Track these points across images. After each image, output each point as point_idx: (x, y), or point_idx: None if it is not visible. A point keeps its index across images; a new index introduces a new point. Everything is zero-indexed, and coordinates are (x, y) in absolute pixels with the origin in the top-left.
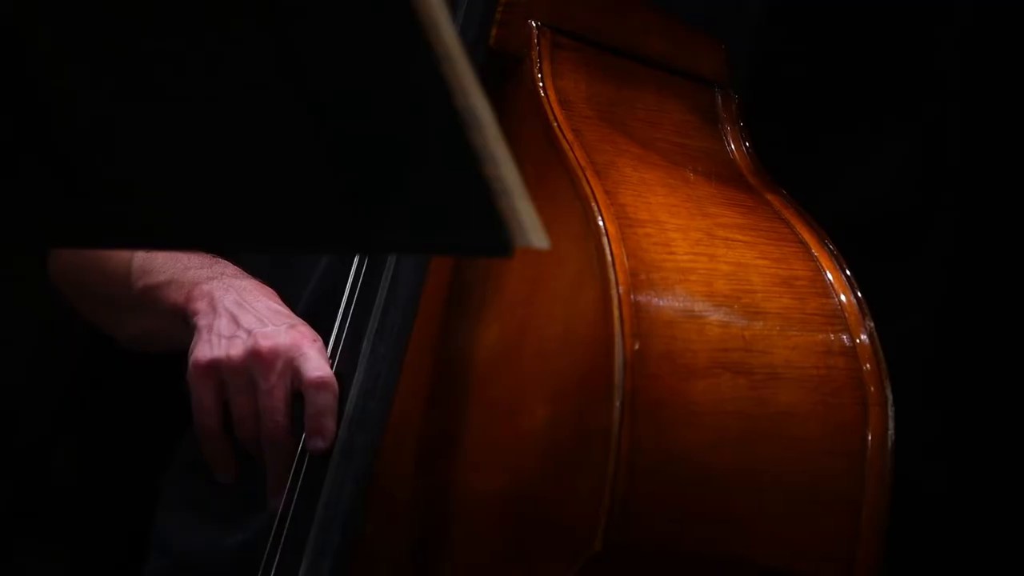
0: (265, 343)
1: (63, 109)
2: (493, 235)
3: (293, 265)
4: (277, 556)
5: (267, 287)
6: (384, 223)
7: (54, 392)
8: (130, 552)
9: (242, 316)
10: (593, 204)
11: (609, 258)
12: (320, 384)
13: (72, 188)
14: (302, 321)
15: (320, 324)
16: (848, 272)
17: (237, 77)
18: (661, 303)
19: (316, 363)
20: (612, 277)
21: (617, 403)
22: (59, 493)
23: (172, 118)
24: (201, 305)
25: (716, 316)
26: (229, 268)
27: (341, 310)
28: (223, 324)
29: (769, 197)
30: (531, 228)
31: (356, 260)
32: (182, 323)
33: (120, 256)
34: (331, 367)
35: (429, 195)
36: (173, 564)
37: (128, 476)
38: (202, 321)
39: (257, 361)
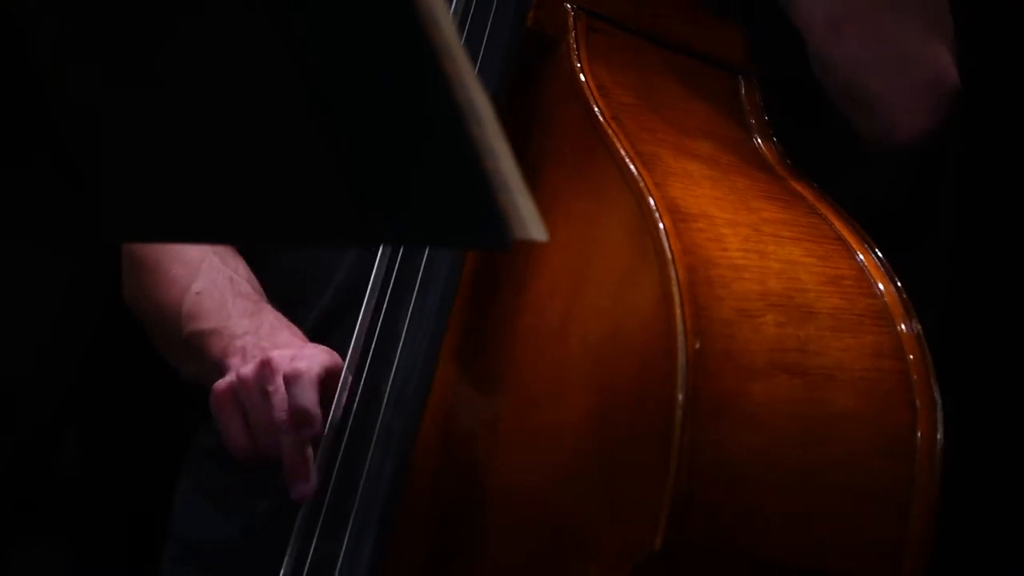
0: (273, 353)
1: (69, 106)
2: (492, 229)
3: (320, 260)
4: (314, 542)
5: (299, 331)
6: (386, 217)
7: (60, 384)
8: (132, 545)
9: (259, 353)
10: (649, 198)
11: (669, 254)
12: (294, 377)
13: (79, 184)
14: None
15: (352, 317)
16: (887, 264)
17: (245, 75)
18: (719, 301)
19: (298, 361)
20: (672, 274)
21: (680, 400)
22: (63, 486)
23: (179, 117)
24: (235, 360)
25: (771, 315)
26: (269, 316)
27: (376, 294)
28: (242, 363)
29: (801, 190)
30: (530, 221)
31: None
32: (221, 375)
33: (172, 297)
34: (351, 368)
35: (429, 189)
36: (185, 551)
37: (133, 469)
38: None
39: (265, 369)
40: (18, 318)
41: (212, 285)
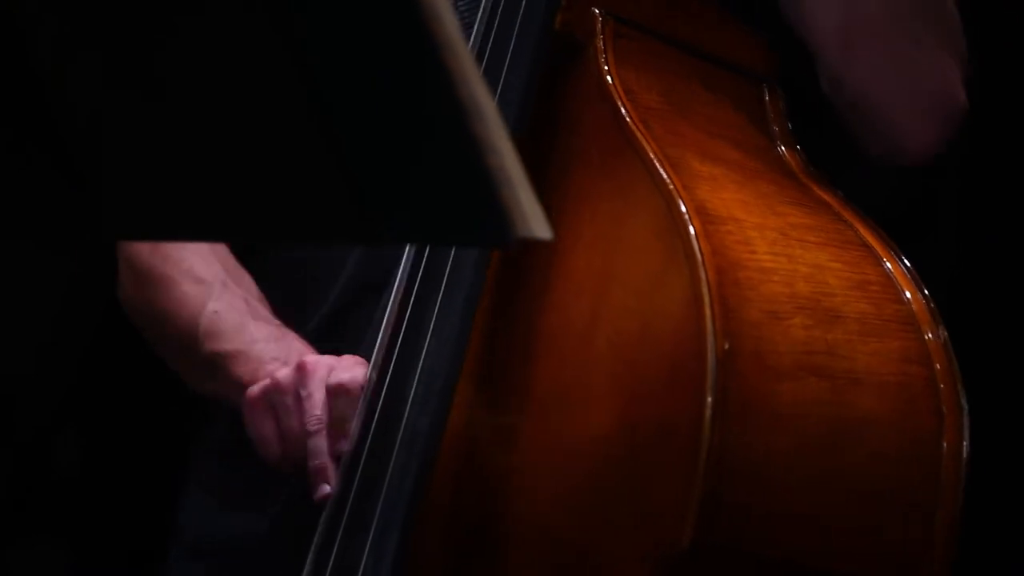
0: (308, 359)
1: (69, 106)
2: (495, 227)
3: (321, 260)
4: (337, 540)
5: (325, 356)
6: (386, 217)
7: (60, 384)
8: (132, 545)
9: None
10: (679, 200)
11: (699, 256)
12: (338, 389)
13: (79, 184)
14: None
15: (356, 316)
16: (914, 272)
17: (244, 75)
18: (747, 303)
19: (339, 372)
20: (703, 275)
21: (709, 400)
22: (63, 486)
23: (179, 116)
24: None
25: (799, 318)
26: (296, 343)
27: (401, 295)
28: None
29: (825, 198)
30: (534, 219)
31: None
32: None
33: (189, 312)
34: (371, 363)
35: (431, 187)
36: (190, 550)
37: (133, 469)
38: None
39: (300, 373)
40: (18, 318)
41: (229, 306)
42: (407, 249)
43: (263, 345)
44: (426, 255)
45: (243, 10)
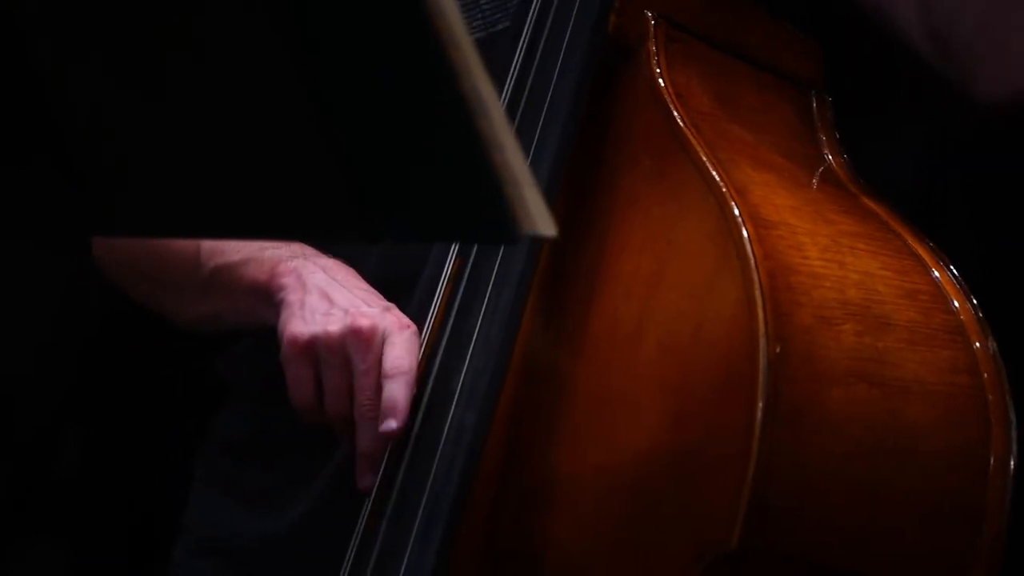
0: (364, 321)
1: (69, 106)
2: (499, 224)
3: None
4: (380, 532)
5: (348, 267)
6: (386, 216)
7: (60, 384)
8: (133, 545)
9: (335, 294)
10: (732, 203)
11: (752, 259)
12: (395, 373)
13: (79, 184)
14: (394, 305)
15: None
16: (963, 282)
17: (245, 75)
18: (799, 307)
19: (398, 351)
20: (756, 277)
21: (760, 404)
22: (63, 486)
23: (180, 116)
24: (288, 281)
25: (850, 324)
26: (308, 248)
27: (443, 291)
28: (315, 300)
29: (873, 207)
30: (538, 215)
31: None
32: (262, 301)
33: (185, 241)
34: (420, 353)
35: (433, 186)
36: (201, 546)
37: (133, 469)
38: (291, 296)
39: (356, 339)
40: (18, 318)
41: None
42: (452, 246)
43: (273, 250)
44: (473, 252)
45: (243, 10)
